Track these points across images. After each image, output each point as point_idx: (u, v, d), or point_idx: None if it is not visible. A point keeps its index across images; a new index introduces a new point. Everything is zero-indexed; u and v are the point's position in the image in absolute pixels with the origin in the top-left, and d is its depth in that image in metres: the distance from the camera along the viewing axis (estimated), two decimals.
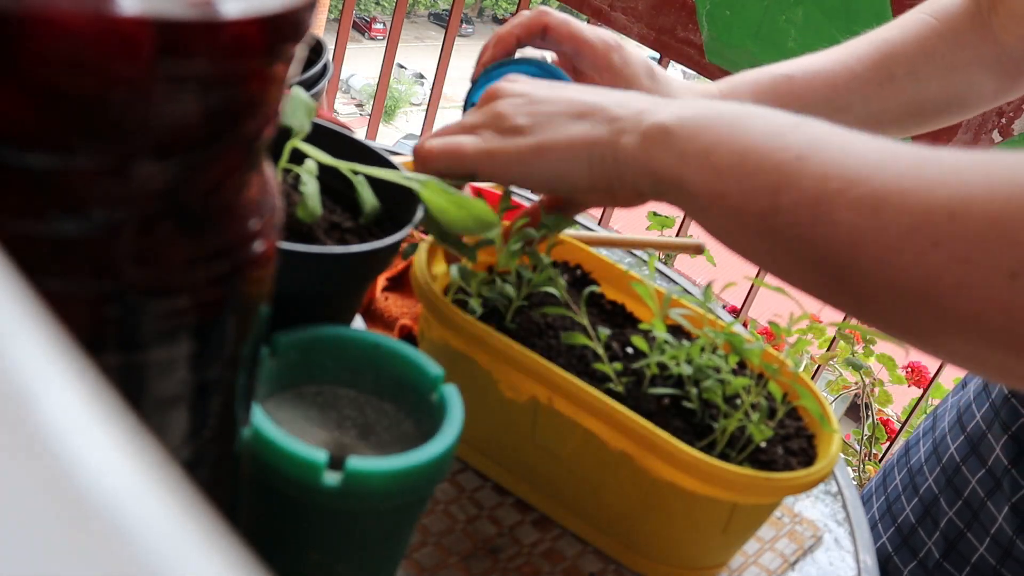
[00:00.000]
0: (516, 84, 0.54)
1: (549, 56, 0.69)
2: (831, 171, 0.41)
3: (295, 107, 0.45)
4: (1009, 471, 0.70)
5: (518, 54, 0.67)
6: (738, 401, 0.54)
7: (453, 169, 0.50)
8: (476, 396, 0.50)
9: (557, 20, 0.65)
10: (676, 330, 0.61)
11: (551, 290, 0.55)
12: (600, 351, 0.54)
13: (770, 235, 0.43)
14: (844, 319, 1.28)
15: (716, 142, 0.45)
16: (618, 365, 0.54)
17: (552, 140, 0.49)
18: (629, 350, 0.57)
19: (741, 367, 0.58)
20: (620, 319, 0.62)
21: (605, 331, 0.56)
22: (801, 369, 0.55)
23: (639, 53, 0.67)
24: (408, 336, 0.65)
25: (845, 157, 0.41)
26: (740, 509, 0.50)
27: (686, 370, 0.53)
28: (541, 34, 0.65)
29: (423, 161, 0.51)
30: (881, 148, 0.41)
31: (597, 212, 1.92)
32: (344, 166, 0.47)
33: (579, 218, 0.89)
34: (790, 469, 0.52)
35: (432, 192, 0.45)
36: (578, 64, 0.68)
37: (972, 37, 0.70)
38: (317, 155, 0.46)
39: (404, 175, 0.47)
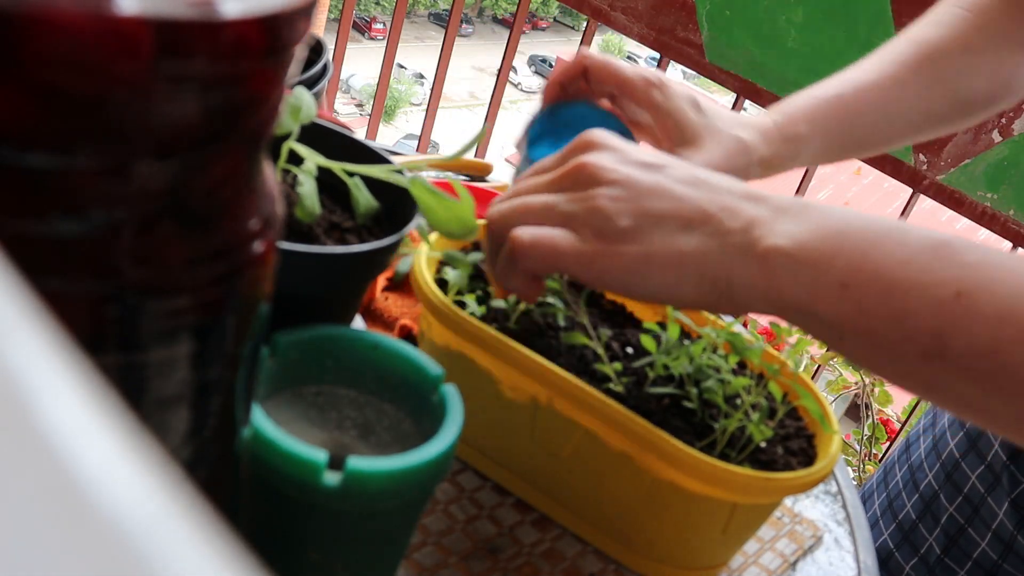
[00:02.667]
0: (609, 159, 0.47)
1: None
2: (1004, 313, 0.38)
3: (289, 108, 0.45)
4: (1008, 466, 0.71)
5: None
6: (738, 401, 0.54)
7: (547, 268, 0.46)
8: (476, 397, 0.50)
9: (596, 62, 0.64)
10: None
11: (550, 299, 0.55)
12: (600, 351, 0.54)
13: (932, 375, 0.40)
14: None
15: (850, 273, 0.41)
16: (618, 365, 0.54)
17: (660, 252, 0.44)
18: (629, 350, 0.57)
19: (741, 367, 0.58)
20: (620, 319, 0.62)
21: (605, 331, 0.56)
22: (801, 369, 0.55)
23: (682, 87, 0.66)
24: (408, 336, 0.65)
25: (1016, 298, 0.38)
26: (740, 509, 0.50)
27: (686, 370, 0.53)
28: (582, 77, 0.64)
29: (514, 251, 0.46)
30: None
31: None
32: (337, 167, 0.47)
33: None
34: (790, 469, 0.52)
35: (420, 190, 0.45)
36: (621, 103, 0.67)
37: (1008, 23, 0.70)
38: (311, 156, 0.46)
39: (393, 172, 0.47)
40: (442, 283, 0.57)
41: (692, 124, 0.63)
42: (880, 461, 1.80)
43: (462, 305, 0.55)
